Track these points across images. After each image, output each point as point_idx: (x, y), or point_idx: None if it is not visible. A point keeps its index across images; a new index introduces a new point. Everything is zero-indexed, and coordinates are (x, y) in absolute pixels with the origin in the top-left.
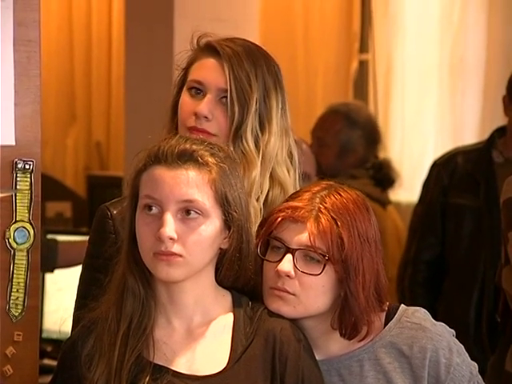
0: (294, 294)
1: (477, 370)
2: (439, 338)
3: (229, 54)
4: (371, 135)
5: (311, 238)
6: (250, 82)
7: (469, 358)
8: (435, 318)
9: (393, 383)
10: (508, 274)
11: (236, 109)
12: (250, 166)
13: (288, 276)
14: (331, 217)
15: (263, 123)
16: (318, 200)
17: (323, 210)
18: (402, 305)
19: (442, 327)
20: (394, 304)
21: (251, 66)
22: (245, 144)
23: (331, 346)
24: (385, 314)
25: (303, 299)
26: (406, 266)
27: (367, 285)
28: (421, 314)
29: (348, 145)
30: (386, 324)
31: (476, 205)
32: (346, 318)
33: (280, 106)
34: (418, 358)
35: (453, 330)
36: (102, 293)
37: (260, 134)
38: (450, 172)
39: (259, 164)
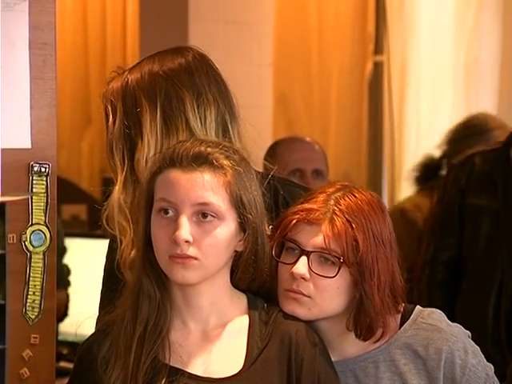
0: (308, 296)
1: (493, 371)
2: (454, 340)
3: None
4: None
5: (326, 241)
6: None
7: (485, 360)
8: (453, 318)
9: None
10: None
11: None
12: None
13: (303, 278)
14: (346, 219)
15: (134, 141)
16: (332, 202)
17: (338, 212)
18: (418, 306)
19: (457, 328)
20: (410, 305)
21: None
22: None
23: (346, 347)
24: (400, 315)
25: (318, 301)
26: (424, 266)
27: (382, 286)
28: (436, 316)
29: None
30: (401, 325)
31: (494, 205)
32: (362, 319)
33: (157, 111)
34: (433, 360)
35: (468, 332)
36: (118, 296)
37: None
38: (467, 172)
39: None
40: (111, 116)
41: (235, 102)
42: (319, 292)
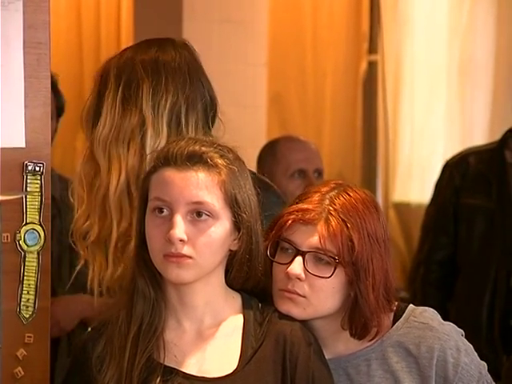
0: (304, 296)
1: (486, 369)
2: (447, 338)
3: None
4: None
5: (321, 241)
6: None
7: (478, 358)
8: (447, 318)
9: (400, 382)
10: None
11: None
12: None
13: (298, 278)
14: (341, 219)
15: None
16: (327, 202)
17: (333, 212)
18: (411, 304)
19: (450, 327)
20: (403, 304)
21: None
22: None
23: (339, 345)
24: (393, 313)
25: (313, 301)
26: (418, 266)
27: (377, 285)
28: (429, 314)
29: None
30: (394, 323)
31: (488, 205)
32: (356, 318)
33: (118, 93)
34: (425, 358)
35: (461, 330)
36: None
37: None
38: (462, 172)
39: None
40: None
41: (206, 98)
42: (314, 292)
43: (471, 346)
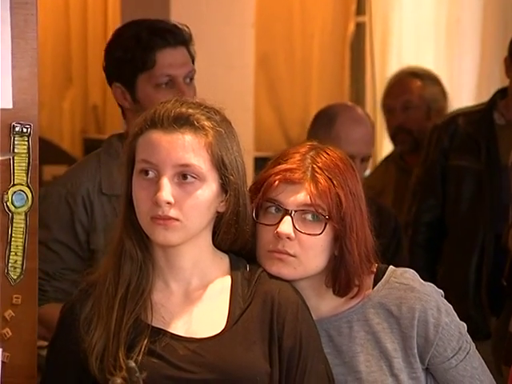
0: (294, 256)
1: (465, 329)
2: (428, 298)
3: None
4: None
5: (312, 198)
6: None
7: (457, 318)
8: (435, 280)
9: (382, 343)
10: None
11: None
12: None
13: (288, 238)
14: (327, 176)
15: None
16: (309, 160)
17: (318, 170)
18: (391, 266)
19: (430, 287)
20: (383, 265)
21: None
22: None
23: (322, 306)
24: (373, 275)
25: (303, 260)
26: (406, 227)
27: (360, 242)
28: (409, 275)
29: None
30: (374, 285)
31: (476, 167)
32: (341, 274)
33: None
34: (406, 318)
35: (441, 291)
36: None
37: None
38: (450, 134)
39: None
40: None
41: None
42: (304, 251)
43: (451, 306)
